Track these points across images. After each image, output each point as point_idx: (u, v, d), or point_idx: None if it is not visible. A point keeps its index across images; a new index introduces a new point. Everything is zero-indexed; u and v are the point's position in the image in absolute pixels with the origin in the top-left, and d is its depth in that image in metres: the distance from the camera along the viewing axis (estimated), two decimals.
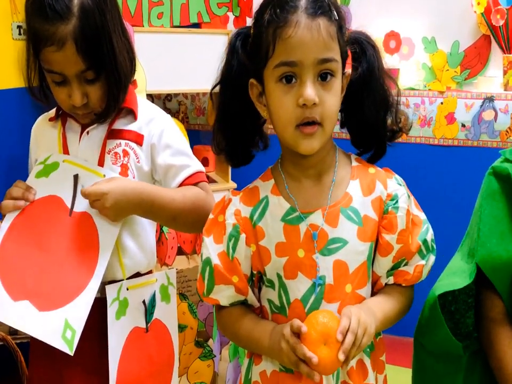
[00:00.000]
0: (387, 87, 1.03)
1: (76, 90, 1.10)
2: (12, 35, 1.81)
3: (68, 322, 1.08)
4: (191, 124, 2.91)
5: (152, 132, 1.21)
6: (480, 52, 2.50)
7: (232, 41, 1.02)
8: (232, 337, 1.09)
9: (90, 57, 1.08)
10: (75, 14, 1.05)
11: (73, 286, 1.11)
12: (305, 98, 0.91)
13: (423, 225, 1.03)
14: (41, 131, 1.27)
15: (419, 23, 2.56)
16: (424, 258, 1.03)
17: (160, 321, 1.28)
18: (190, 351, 1.84)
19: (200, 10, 2.35)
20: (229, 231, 1.01)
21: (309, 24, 0.91)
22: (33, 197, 1.18)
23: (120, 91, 1.16)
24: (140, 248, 1.23)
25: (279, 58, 0.92)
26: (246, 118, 1.02)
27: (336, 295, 0.99)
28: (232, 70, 1.02)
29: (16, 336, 1.62)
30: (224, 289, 1.02)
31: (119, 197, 1.12)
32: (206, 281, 1.03)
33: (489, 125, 2.46)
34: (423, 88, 2.57)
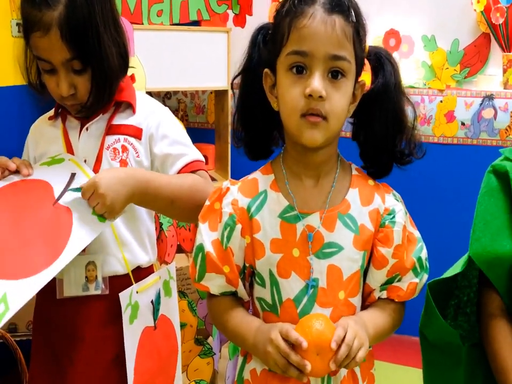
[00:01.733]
0: (402, 108, 1.03)
1: (63, 80, 1.12)
2: (11, 32, 1.81)
3: (6, 297, 1.03)
4: (191, 122, 2.90)
5: (150, 124, 1.21)
6: (480, 50, 2.50)
7: (254, 35, 1.04)
8: (220, 328, 1.09)
9: (76, 46, 1.09)
10: (62, 2, 1.07)
11: (26, 266, 1.08)
12: (312, 89, 0.92)
13: (417, 243, 1.03)
14: (41, 130, 1.28)
15: (419, 21, 2.56)
16: (418, 276, 1.03)
17: (165, 316, 1.30)
18: (189, 348, 1.84)
19: (200, 8, 2.34)
20: (224, 220, 1.01)
21: (324, 18, 0.92)
22: (27, 173, 1.17)
23: (106, 85, 1.15)
24: (140, 243, 1.24)
25: (292, 47, 0.94)
26: (265, 110, 1.03)
27: (329, 300, 0.99)
28: (253, 62, 1.03)
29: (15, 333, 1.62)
30: (214, 278, 1.02)
31: (111, 180, 1.11)
32: (197, 267, 1.03)
33: (488, 123, 2.46)
34: (422, 86, 2.56)
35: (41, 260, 1.09)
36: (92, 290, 1.19)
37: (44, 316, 1.26)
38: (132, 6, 2.20)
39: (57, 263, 1.08)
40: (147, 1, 2.22)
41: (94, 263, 1.18)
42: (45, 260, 1.09)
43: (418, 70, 2.58)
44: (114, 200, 1.10)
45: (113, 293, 1.19)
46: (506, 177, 1.04)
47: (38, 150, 1.26)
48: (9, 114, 1.79)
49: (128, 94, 1.22)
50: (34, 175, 1.19)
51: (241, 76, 1.06)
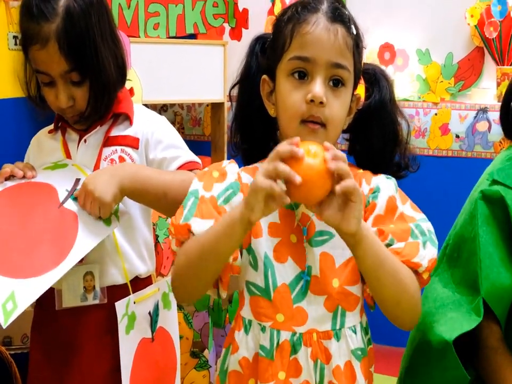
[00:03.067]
0: (398, 122, 1.04)
1: (62, 92, 1.13)
2: (7, 45, 1.82)
3: (14, 295, 1.06)
4: (187, 134, 2.91)
5: (146, 131, 1.22)
6: (474, 64, 2.52)
7: (252, 45, 1.05)
8: (193, 249, 0.95)
9: (74, 58, 1.10)
10: (60, 14, 1.08)
11: (33, 266, 1.10)
12: (314, 95, 0.92)
13: (417, 221, 0.99)
14: (41, 143, 1.29)
15: (413, 35, 2.59)
16: (417, 239, 0.96)
17: (163, 329, 1.29)
18: (185, 361, 1.84)
19: (196, 21, 2.36)
20: (230, 181, 0.99)
21: (327, 26, 0.94)
22: (31, 176, 1.19)
23: (104, 96, 1.17)
24: (137, 253, 1.24)
25: (294, 52, 0.95)
26: (263, 118, 1.03)
27: (322, 288, 0.98)
28: (251, 71, 1.04)
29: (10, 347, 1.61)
30: (200, 223, 0.95)
31: (98, 175, 1.14)
32: (185, 210, 0.97)
33: (483, 136, 2.47)
34: (417, 99, 2.58)
35: (48, 260, 1.10)
36: (90, 300, 1.19)
37: (42, 327, 1.26)
38: (129, 19, 2.22)
39: (64, 264, 1.10)
40: (144, 15, 2.24)
41: (91, 273, 1.18)
42: (52, 260, 1.10)
43: (413, 83, 2.60)
44: (103, 191, 1.11)
45: (111, 303, 1.19)
46: (502, 203, 1.01)
47: (38, 161, 1.27)
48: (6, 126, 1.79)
49: (126, 106, 1.23)
50: (39, 177, 1.20)
51: (239, 85, 1.07)
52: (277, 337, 0.98)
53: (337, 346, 0.98)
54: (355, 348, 1.00)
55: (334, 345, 0.98)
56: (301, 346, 0.97)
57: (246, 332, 1.01)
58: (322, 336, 0.98)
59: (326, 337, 0.98)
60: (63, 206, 1.15)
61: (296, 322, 0.98)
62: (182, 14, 2.33)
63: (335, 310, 0.98)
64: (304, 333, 0.98)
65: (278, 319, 0.98)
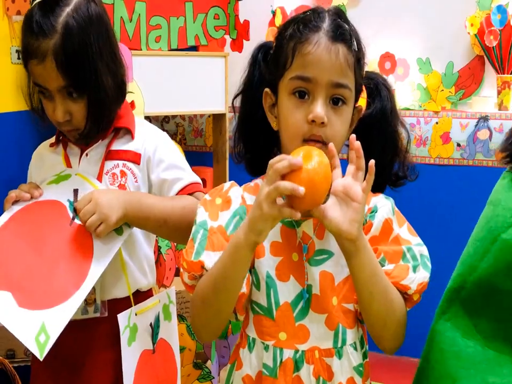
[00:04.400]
0: (398, 131, 1.05)
1: (59, 106, 1.14)
2: (10, 59, 1.83)
3: (44, 327, 1.07)
4: (189, 146, 2.92)
5: (148, 148, 1.23)
6: (474, 73, 2.53)
7: (254, 53, 1.06)
8: (206, 286, 0.96)
9: (70, 75, 1.11)
10: (58, 31, 1.10)
11: (57, 293, 1.10)
12: (315, 115, 0.93)
13: (413, 245, 0.99)
14: (42, 156, 1.30)
15: (414, 44, 2.59)
16: (408, 262, 0.97)
17: (164, 340, 1.30)
18: (188, 372, 1.84)
19: (198, 33, 2.37)
20: (235, 207, 1.00)
21: (328, 46, 0.95)
22: (39, 195, 1.20)
23: (103, 113, 1.18)
24: (138, 267, 1.24)
25: (295, 71, 0.96)
26: (266, 127, 1.04)
27: (323, 306, 0.99)
28: (254, 80, 1.05)
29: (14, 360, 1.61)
30: (212, 256, 0.96)
31: (109, 192, 1.15)
32: (196, 244, 0.98)
33: (484, 144, 2.47)
34: (418, 108, 2.59)
35: (70, 283, 1.11)
36: (91, 313, 1.20)
37: None
38: (131, 32, 2.23)
39: (86, 283, 1.11)
40: (145, 27, 2.25)
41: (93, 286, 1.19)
42: (74, 282, 1.11)
43: (413, 92, 2.61)
44: (112, 209, 1.12)
45: (112, 316, 1.19)
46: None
47: (40, 175, 1.27)
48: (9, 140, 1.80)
49: (127, 120, 1.24)
50: (45, 195, 1.20)
51: (241, 95, 1.07)
52: (280, 356, 0.98)
53: (339, 363, 0.99)
54: (357, 365, 1.00)
55: (336, 363, 0.99)
56: (303, 363, 0.98)
57: (250, 350, 1.02)
58: (324, 353, 0.99)
59: (328, 355, 0.99)
60: (74, 222, 1.16)
61: (299, 340, 0.99)
62: (184, 26, 2.34)
63: (336, 328, 0.99)
64: (306, 350, 0.98)
65: (281, 337, 0.99)
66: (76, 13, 1.11)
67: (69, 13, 1.11)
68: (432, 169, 2.55)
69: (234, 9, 2.41)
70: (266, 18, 2.73)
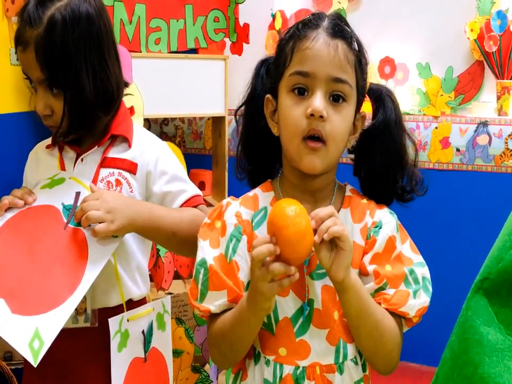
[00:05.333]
0: (403, 144, 1.03)
1: (40, 98, 1.15)
2: (10, 60, 1.82)
3: (38, 332, 1.05)
4: (188, 148, 2.92)
5: (147, 160, 1.21)
6: (474, 78, 2.53)
7: (258, 67, 1.06)
8: (222, 338, 0.99)
9: (47, 68, 1.11)
10: (43, 23, 1.10)
11: (51, 298, 1.08)
12: (313, 109, 0.92)
13: (414, 265, 0.99)
14: (38, 157, 1.29)
15: (413, 49, 2.60)
16: (410, 288, 0.97)
17: (156, 350, 1.27)
18: (186, 376, 1.83)
19: (197, 36, 2.37)
20: (230, 231, 0.99)
21: (327, 41, 0.95)
22: (32, 201, 1.18)
23: (81, 115, 1.16)
24: (130, 277, 1.22)
25: (294, 67, 0.95)
26: (269, 141, 1.03)
27: (325, 321, 0.98)
28: (256, 93, 1.05)
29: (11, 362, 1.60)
30: (216, 297, 0.98)
31: (115, 197, 1.12)
32: (199, 285, 0.99)
33: (483, 150, 2.48)
34: (417, 113, 2.59)
35: (64, 288, 1.09)
36: (81, 322, 1.18)
37: None
38: (130, 35, 2.23)
39: (80, 287, 1.09)
40: (145, 30, 2.25)
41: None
42: (68, 286, 1.09)
43: (413, 97, 2.61)
44: (117, 213, 1.10)
45: (102, 325, 1.17)
46: None
47: (35, 177, 1.26)
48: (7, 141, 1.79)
49: (125, 127, 1.22)
50: (39, 200, 1.18)
51: (244, 107, 1.07)
52: (280, 371, 0.97)
53: (340, 379, 0.98)
54: (358, 379, 0.99)
55: (338, 379, 0.98)
56: (304, 380, 0.97)
57: (255, 362, 1.01)
58: (325, 369, 0.97)
59: (329, 371, 0.98)
60: (68, 226, 1.14)
61: (299, 356, 0.97)
62: (183, 28, 2.34)
63: (337, 343, 0.98)
64: (307, 366, 0.97)
65: (281, 353, 0.98)
66: (64, 8, 1.11)
67: (58, 8, 1.11)
68: (431, 174, 2.52)
69: (234, 12, 2.41)
70: (266, 21, 2.73)
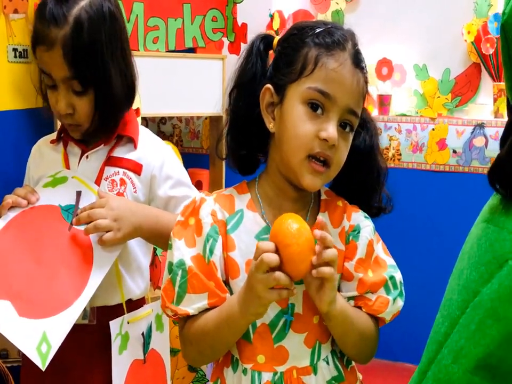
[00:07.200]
0: (381, 167, 1.05)
1: (62, 97, 1.13)
2: (7, 57, 1.82)
3: (46, 336, 1.04)
4: (185, 147, 2.92)
5: (153, 163, 1.22)
6: (471, 80, 2.54)
7: (256, 44, 1.01)
8: (201, 341, 0.97)
9: (76, 66, 1.11)
10: (69, 22, 1.10)
11: (58, 301, 1.08)
12: (329, 136, 0.91)
13: (388, 268, 1.02)
14: (42, 152, 1.28)
15: (411, 50, 2.60)
16: (389, 295, 0.99)
17: (155, 351, 1.27)
18: (183, 375, 1.83)
19: (195, 35, 2.37)
20: (206, 231, 0.96)
21: (352, 70, 0.94)
22: (36, 201, 1.17)
23: (110, 113, 1.16)
24: (130, 276, 1.22)
25: (316, 83, 0.92)
26: (261, 124, 0.99)
27: (304, 326, 0.97)
28: (256, 73, 0.99)
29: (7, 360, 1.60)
30: (195, 300, 0.94)
31: (120, 205, 1.12)
32: (176, 288, 0.95)
33: (480, 151, 2.48)
34: (414, 114, 2.60)
35: (71, 290, 1.09)
36: (79, 319, 1.17)
37: None
38: (128, 33, 2.23)
39: (86, 290, 1.09)
40: (143, 28, 2.25)
41: None
42: (75, 289, 1.09)
43: (410, 98, 2.61)
44: (122, 222, 1.11)
45: (100, 323, 1.17)
46: None
47: (38, 171, 1.26)
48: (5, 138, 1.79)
49: (132, 128, 1.23)
50: (42, 200, 1.18)
51: (237, 88, 1.01)
52: (258, 379, 0.96)
53: (314, 380, 0.98)
54: (330, 379, 1.00)
55: (313, 380, 0.98)
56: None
57: (233, 370, 0.99)
58: (301, 372, 0.97)
59: (305, 373, 0.97)
60: (72, 227, 1.13)
61: (277, 362, 0.96)
62: (181, 28, 2.34)
63: (313, 345, 0.98)
64: (284, 371, 0.96)
65: (259, 360, 0.97)
66: (89, 7, 1.12)
67: (83, 7, 1.11)
68: (427, 175, 2.56)
69: (233, 11, 2.41)
70: (264, 21, 2.73)
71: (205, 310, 0.96)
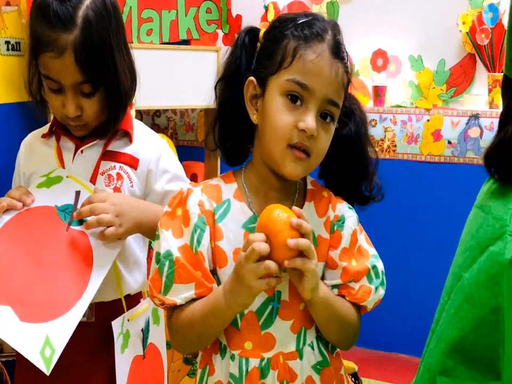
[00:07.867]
0: (369, 156, 1.06)
1: (70, 101, 1.09)
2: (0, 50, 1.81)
3: (49, 340, 1.03)
4: (180, 140, 2.91)
5: (149, 157, 1.20)
6: (466, 71, 2.54)
7: (242, 37, 1.01)
8: (189, 327, 0.98)
9: (89, 70, 1.07)
10: (78, 25, 1.05)
11: (59, 303, 1.07)
12: (307, 127, 0.92)
13: (371, 258, 1.03)
14: (33, 146, 1.25)
15: (406, 41, 2.60)
16: (372, 283, 1.01)
17: (153, 345, 1.27)
18: (178, 368, 1.83)
19: (190, 27, 2.36)
20: (194, 222, 0.97)
21: (331, 61, 0.94)
22: (31, 202, 1.14)
23: (121, 109, 1.15)
24: (128, 271, 1.22)
25: (294, 75, 0.93)
26: (246, 115, 1.00)
27: (290, 313, 0.98)
28: (241, 66, 1.00)
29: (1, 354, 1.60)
30: (182, 290, 0.95)
31: (121, 200, 1.12)
32: (164, 278, 0.95)
33: (475, 142, 2.48)
34: (410, 105, 2.59)
35: (72, 292, 1.08)
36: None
37: None
38: None
39: (87, 292, 1.08)
40: (137, 20, 2.24)
41: None
42: (75, 291, 1.08)
43: (405, 89, 2.61)
44: (123, 217, 1.10)
45: (98, 320, 1.17)
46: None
47: (29, 167, 1.23)
48: None
49: (126, 122, 1.21)
50: (37, 201, 1.15)
51: (224, 80, 1.03)
52: (246, 365, 0.98)
53: (300, 364, 0.99)
54: (315, 363, 1.01)
55: (298, 364, 0.99)
56: (269, 370, 0.98)
57: (221, 356, 1.00)
58: (287, 357, 0.99)
59: (291, 358, 0.99)
60: (70, 228, 1.12)
61: (264, 348, 0.98)
62: (175, 19, 2.33)
63: (299, 331, 1.00)
64: (271, 357, 0.98)
65: (247, 347, 0.98)
66: (94, 4, 1.07)
67: (88, 5, 1.06)
68: (423, 166, 2.56)
69: (227, 3, 2.40)
70: (258, 13, 2.72)
71: (192, 300, 0.97)
